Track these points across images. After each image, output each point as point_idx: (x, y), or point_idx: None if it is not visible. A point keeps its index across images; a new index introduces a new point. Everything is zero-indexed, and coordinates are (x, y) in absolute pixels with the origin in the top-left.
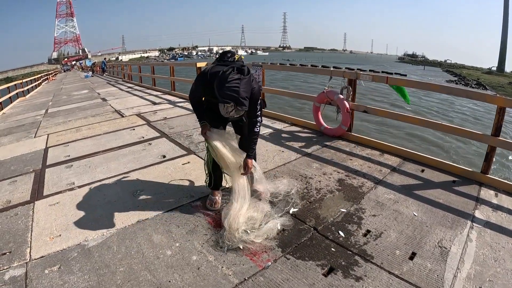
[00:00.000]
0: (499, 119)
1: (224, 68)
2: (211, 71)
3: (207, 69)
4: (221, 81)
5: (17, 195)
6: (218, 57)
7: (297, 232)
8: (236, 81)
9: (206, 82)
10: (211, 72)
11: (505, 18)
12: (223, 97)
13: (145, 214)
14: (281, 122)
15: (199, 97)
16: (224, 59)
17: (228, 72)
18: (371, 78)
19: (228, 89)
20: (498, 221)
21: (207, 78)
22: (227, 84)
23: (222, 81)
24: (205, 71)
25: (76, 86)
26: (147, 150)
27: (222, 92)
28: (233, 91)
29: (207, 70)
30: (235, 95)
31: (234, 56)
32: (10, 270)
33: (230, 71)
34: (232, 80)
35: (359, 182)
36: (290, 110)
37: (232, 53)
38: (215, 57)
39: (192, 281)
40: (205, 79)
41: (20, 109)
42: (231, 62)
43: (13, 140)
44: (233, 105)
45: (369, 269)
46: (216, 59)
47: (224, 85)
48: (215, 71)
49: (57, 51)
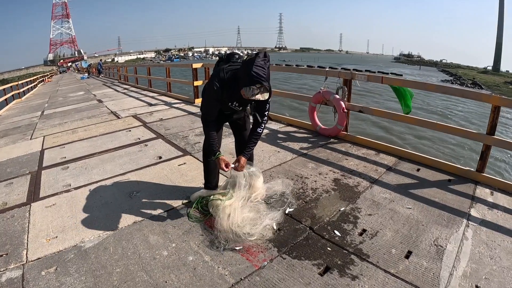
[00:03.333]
0: (494, 118)
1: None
2: (227, 69)
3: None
4: (249, 65)
5: (13, 197)
6: (225, 58)
7: (293, 231)
8: (263, 64)
9: (224, 83)
10: (227, 70)
11: (500, 17)
12: (252, 77)
13: (142, 215)
14: (277, 123)
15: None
16: (233, 60)
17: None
18: (366, 78)
19: (257, 69)
20: (493, 219)
21: (224, 77)
22: (256, 64)
23: (250, 65)
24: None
25: (72, 87)
26: (143, 152)
27: (251, 73)
28: (262, 71)
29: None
30: (263, 75)
31: (242, 57)
32: (6, 272)
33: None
34: (260, 62)
35: (355, 181)
36: (287, 111)
37: (239, 55)
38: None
39: (188, 281)
40: (222, 80)
41: (16, 111)
42: (240, 63)
43: (9, 142)
44: (259, 86)
45: (365, 268)
46: (222, 60)
47: (254, 66)
48: (232, 68)
49: (53, 52)
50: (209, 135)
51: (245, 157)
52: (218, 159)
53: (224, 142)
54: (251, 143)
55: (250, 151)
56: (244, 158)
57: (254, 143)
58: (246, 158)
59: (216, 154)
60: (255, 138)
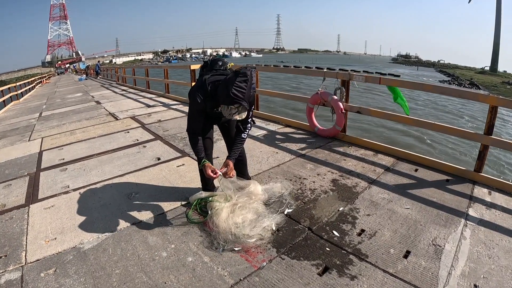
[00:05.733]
0: (492, 118)
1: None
2: (210, 80)
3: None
4: (228, 85)
5: (12, 199)
6: (209, 66)
7: (291, 232)
8: (243, 84)
9: (206, 94)
10: (210, 82)
11: (497, 17)
12: (230, 98)
13: (140, 216)
14: (275, 124)
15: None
16: (216, 68)
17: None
18: (364, 79)
19: (236, 89)
20: (491, 218)
21: (207, 89)
22: (235, 86)
23: (229, 85)
24: (201, 84)
25: (70, 89)
26: (142, 153)
27: (230, 94)
28: (240, 93)
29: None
30: (241, 96)
31: (226, 65)
32: (5, 274)
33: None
34: (240, 82)
35: (353, 182)
36: (284, 111)
37: (223, 62)
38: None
39: (187, 282)
40: (205, 92)
41: (14, 113)
42: (223, 70)
43: (7, 144)
44: (237, 106)
45: (364, 268)
46: (205, 67)
47: (232, 87)
48: (215, 80)
49: (51, 54)
50: (194, 145)
51: (232, 160)
52: (204, 166)
53: (222, 144)
54: (235, 147)
55: (235, 155)
56: (231, 162)
57: (238, 147)
58: (233, 161)
59: (201, 162)
60: (240, 142)
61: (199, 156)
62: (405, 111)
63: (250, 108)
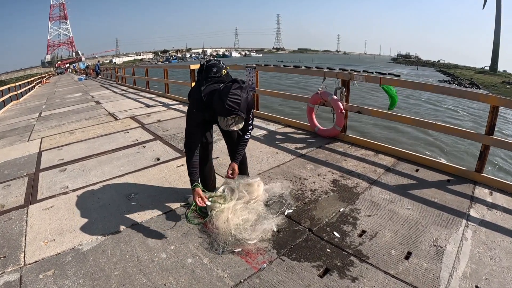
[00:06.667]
0: (493, 118)
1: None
2: (206, 92)
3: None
4: (223, 96)
5: (10, 200)
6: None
7: (292, 233)
8: (238, 95)
9: (203, 106)
10: (205, 93)
11: (497, 17)
12: (226, 110)
13: (140, 217)
14: (275, 124)
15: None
16: (211, 76)
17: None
18: (364, 79)
19: (231, 101)
20: (493, 219)
21: (203, 100)
22: (230, 96)
23: (224, 96)
24: (197, 96)
25: (69, 89)
26: (141, 153)
27: (225, 105)
28: (236, 104)
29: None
30: (237, 107)
31: (221, 71)
32: (4, 275)
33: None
34: (235, 94)
35: (354, 182)
36: (284, 111)
37: (218, 68)
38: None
39: (187, 284)
40: (201, 103)
41: (14, 113)
42: (218, 77)
43: (6, 144)
44: (234, 116)
45: (365, 269)
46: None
47: (227, 99)
48: (209, 90)
49: (51, 54)
50: (188, 161)
51: (237, 163)
52: (194, 190)
53: (222, 143)
54: (239, 149)
55: (240, 157)
56: (236, 164)
57: (242, 148)
58: (238, 163)
59: (193, 185)
60: (243, 144)
61: (192, 178)
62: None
63: (250, 111)
